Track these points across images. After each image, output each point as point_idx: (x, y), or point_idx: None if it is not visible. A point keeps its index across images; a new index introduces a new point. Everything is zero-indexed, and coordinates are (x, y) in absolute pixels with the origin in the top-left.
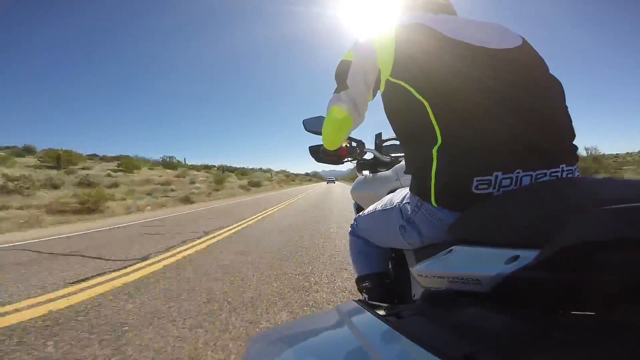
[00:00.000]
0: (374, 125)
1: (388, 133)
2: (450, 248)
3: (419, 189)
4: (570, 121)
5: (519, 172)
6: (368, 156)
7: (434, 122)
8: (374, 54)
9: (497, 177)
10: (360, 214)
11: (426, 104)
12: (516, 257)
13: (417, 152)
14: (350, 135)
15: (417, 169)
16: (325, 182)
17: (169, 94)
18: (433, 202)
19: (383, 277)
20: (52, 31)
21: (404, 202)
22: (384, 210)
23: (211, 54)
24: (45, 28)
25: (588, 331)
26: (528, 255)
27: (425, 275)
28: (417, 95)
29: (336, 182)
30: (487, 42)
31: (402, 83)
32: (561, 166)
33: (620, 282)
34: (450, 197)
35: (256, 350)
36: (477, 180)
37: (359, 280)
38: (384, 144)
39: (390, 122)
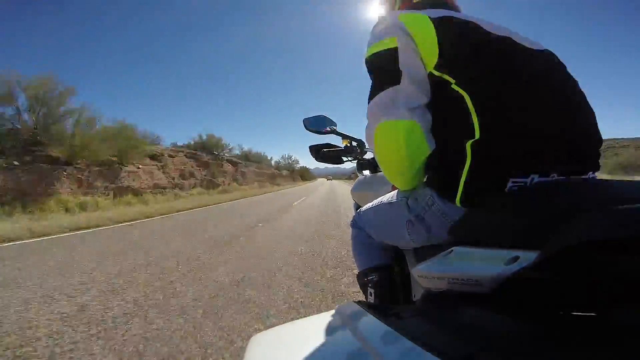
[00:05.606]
0: None
1: None
2: (451, 249)
3: (440, 185)
4: (598, 127)
5: (553, 177)
6: (368, 156)
7: (474, 116)
8: (416, 45)
9: (532, 179)
10: (363, 207)
11: (466, 96)
12: (516, 258)
13: (447, 145)
14: (350, 135)
15: (442, 164)
16: (327, 179)
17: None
18: (457, 202)
19: (389, 270)
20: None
21: (413, 196)
22: (390, 204)
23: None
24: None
25: (588, 331)
26: (528, 256)
27: (425, 276)
28: (458, 89)
29: (326, 179)
30: (525, 41)
31: (445, 76)
32: (589, 173)
33: (620, 282)
34: (479, 197)
35: (256, 351)
36: (512, 182)
37: (361, 275)
38: None
39: None
